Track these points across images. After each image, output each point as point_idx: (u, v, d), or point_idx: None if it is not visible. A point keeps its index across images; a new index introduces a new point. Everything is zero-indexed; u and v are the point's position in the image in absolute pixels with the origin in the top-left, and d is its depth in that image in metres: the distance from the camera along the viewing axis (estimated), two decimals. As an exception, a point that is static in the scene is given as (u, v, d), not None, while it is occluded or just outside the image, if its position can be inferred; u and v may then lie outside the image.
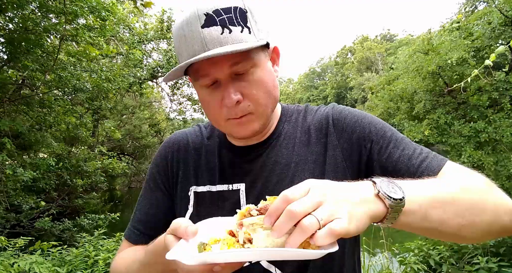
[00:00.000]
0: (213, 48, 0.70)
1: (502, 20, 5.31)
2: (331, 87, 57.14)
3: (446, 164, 0.74)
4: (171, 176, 0.93)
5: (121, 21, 8.89)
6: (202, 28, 0.71)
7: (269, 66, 0.81)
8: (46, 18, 5.88)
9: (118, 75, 7.78)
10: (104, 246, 3.94)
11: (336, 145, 0.84)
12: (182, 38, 0.74)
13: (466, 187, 0.65)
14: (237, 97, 0.74)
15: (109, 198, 15.76)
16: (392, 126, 0.86)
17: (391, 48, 45.08)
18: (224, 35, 0.71)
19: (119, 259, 0.88)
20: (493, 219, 0.64)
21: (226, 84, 0.75)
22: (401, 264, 4.20)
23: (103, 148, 10.55)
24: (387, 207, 0.54)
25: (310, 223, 0.48)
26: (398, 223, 0.57)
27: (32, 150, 8.03)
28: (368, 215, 0.52)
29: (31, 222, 7.10)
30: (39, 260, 3.50)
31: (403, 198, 0.55)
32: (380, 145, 0.79)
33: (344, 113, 0.87)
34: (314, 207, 0.49)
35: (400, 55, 9.78)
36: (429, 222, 0.59)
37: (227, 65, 0.72)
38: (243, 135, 0.81)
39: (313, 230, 0.48)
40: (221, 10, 0.72)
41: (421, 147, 0.79)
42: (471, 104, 5.90)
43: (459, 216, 0.61)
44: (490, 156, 5.10)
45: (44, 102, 7.01)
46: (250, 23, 0.75)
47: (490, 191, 0.67)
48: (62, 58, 6.78)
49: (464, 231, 0.62)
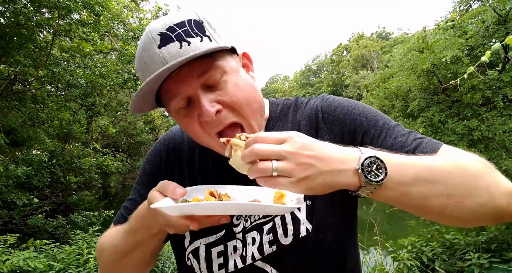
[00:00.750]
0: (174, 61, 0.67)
1: (496, 18, 5.34)
2: (327, 85, 57.24)
3: (441, 147, 0.71)
4: (164, 174, 0.92)
5: (115, 16, 8.79)
6: (159, 49, 0.68)
7: (243, 71, 0.78)
8: (39, 13, 5.79)
9: (112, 71, 7.69)
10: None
11: (327, 140, 0.80)
12: (143, 66, 0.71)
13: (460, 165, 0.61)
14: (214, 108, 0.69)
15: (103, 195, 15.68)
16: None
17: (386, 46, 45.25)
18: (184, 48, 0.67)
19: (105, 234, 0.89)
20: (486, 200, 0.60)
21: (199, 98, 0.70)
22: (395, 260, 4.24)
23: (98, 144, 10.47)
24: (361, 185, 0.55)
25: (265, 167, 0.53)
26: (375, 196, 0.57)
27: (24, 146, 7.93)
28: (328, 186, 0.55)
29: (24, 219, 7.03)
30: (32, 255, 3.48)
31: (382, 180, 0.55)
32: (372, 134, 0.77)
33: (333, 105, 0.84)
34: (277, 156, 0.53)
35: (395, 53, 9.83)
36: (410, 199, 0.58)
37: (193, 77, 0.69)
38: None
39: (266, 173, 0.52)
40: (174, 26, 0.69)
41: (415, 133, 0.76)
42: (464, 102, 5.95)
43: (445, 195, 0.58)
44: (483, 154, 5.15)
45: (37, 98, 6.93)
46: (208, 32, 0.71)
47: (487, 172, 0.64)
48: (55, 53, 6.69)
49: (450, 210, 0.59)
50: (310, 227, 0.77)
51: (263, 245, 0.78)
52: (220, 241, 0.81)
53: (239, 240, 0.80)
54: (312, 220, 0.77)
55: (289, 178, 0.53)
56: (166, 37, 0.68)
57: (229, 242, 0.80)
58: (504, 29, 5.28)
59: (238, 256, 0.79)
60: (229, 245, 0.80)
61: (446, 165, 0.60)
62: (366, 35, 57.71)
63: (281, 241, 0.77)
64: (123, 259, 0.81)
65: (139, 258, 0.81)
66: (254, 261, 0.78)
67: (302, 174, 0.53)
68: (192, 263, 0.82)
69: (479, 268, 3.78)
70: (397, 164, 0.58)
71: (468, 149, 5.27)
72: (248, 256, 0.78)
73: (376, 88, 8.69)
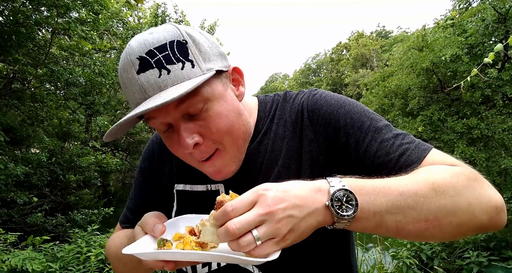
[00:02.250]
0: (153, 94, 0.64)
1: (496, 17, 5.33)
2: (326, 83, 57.18)
3: (427, 156, 0.68)
4: (157, 171, 0.93)
5: (114, 15, 8.76)
6: (138, 75, 0.65)
7: (228, 94, 0.73)
8: (37, 11, 5.77)
9: (111, 70, 7.68)
10: (97, 242, 3.91)
11: (312, 140, 0.78)
12: (123, 85, 0.69)
13: (437, 186, 0.58)
14: (193, 141, 0.67)
15: (103, 193, 15.68)
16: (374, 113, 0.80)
17: (386, 45, 45.18)
18: (162, 77, 0.64)
19: (111, 241, 0.91)
20: (466, 219, 0.59)
21: (179, 129, 0.68)
22: (394, 259, 4.25)
23: (97, 143, 10.46)
24: (334, 220, 0.55)
25: (248, 241, 0.50)
26: (351, 228, 0.57)
27: (23, 145, 7.92)
28: (311, 228, 0.55)
29: (23, 217, 7.03)
30: (31, 255, 3.47)
31: (354, 213, 0.54)
32: (357, 138, 0.72)
33: (319, 103, 0.80)
34: (255, 224, 0.51)
35: (394, 52, 9.81)
36: (384, 228, 0.58)
37: (171, 107, 0.65)
38: (223, 178, 0.76)
39: (249, 248, 0.50)
40: (154, 49, 0.65)
41: (403, 135, 0.72)
42: (464, 101, 5.95)
43: (422, 220, 0.57)
44: (482, 152, 5.16)
45: (36, 96, 6.91)
46: (192, 55, 0.67)
47: (469, 186, 0.61)
48: (54, 52, 6.67)
49: (428, 233, 0.59)
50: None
51: None
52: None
53: None
54: None
55: (273, 239, 0.52)
56: (145, 63, 0.64)
57: None
58: (504, 27, 5.28)
59: None
60: None
61: (421, 188, 0.58)
62: (365, 34, 57.62)
63: None
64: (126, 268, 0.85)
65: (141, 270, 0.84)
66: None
67: (285, 230, 0.51)
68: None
69: (478, 266, 3.79)
70: (367, 193, 0.57)
71: (467, 147, 5.28)
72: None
73: (376, 87, 8.68)
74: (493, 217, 0.61)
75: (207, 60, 0.69)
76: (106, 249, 0.92)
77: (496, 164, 4.89)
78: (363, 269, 4.01)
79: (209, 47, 0.71)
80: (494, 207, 0.61)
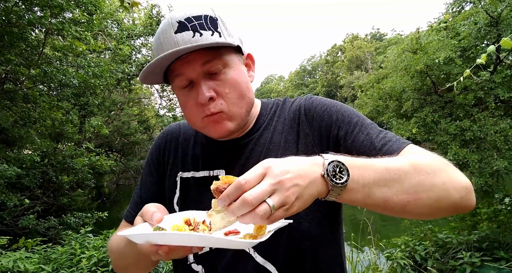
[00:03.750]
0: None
1: (488, 20, 5.40)
2: (322, 85, 57.45)
3: (406, 147, 0.77)
4: (162, 164, 1.02)
5: (108, 15, 8.71)
6: (175, 34, 0.78)
7: (243, 69, 0.86)
8: (31, 11, 5.70)
9: (106, 71, 7.62)
10: (91, 244, 3.87)
11: (308, 133, 0.89)
12: (159, 46, 0.80)
13: (416, 164, 0.67)
14: (210, 94, 0.79)
15: (97, 195, 15.53)
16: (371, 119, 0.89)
17: (380, 47, 45.54)
18: (196, 38, 0.77)
19: (114, 236, 0.95)
20: (441, 195, 0.66)
21: (199, 83, 0.80)
22: (388, 260, 4.27)
23: (91, 144, 10.36)
24: (329, 189, 0.60)
25: (265, 210, 0.53)
26: (341, 199, 0.62)
27: (16, 146, 7.82)
28: (313, 197, 0.60)
29: (15, 219, 6.92)
30: (23, 256, 3.42)
31: (346, 181, 0.60)
32: (346, 130, 0.83)
33: (315, 103, 0.92)
34: (269, 194, 0.54)
35: (389, 54, 9.89)
36: (372, 199, 0.63)
37: (198, 64, 0.78)
38: (218, 135, 0.85)
39: (266, 216, 0.54)
40: (192, 17, 0.79)
41: (386, 132, 0.83)
42: (457, 103, 6.01)
43: (404, 193, 0.64)
44: (474, 154, 5.21)
45: (29, 97, 6.83)
46: (220, 29, 0.81)
47: (442, 169, 0.69)
48: (47, 52, 6.60)
49: (410, 207, 0.65)
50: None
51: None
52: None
53: None
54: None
55: (283, 207, 0.55)
56: (183, 26, 0.78)
57: None
58: (496, 30, 5.35)
59: None
60: None
61: (403, 165, 0.66)
62: (360, 36, 58.05)
63: None
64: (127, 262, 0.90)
65: (141, 265, 0.90)
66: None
67: (293, 198, 0.56)
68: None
69: (471, 266, 3.83)
70: (357, 166, 0.63)
71: (460, 149, 5.33)
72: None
73: (370, 89, 8.73)
74: (464, 196, 0.69)
75: (230, 36, 0.84)
76: (109, 246, 0.96)
77: (488, 166, 4.95)
78: (357, 270, 4.02)
79: (232, 30, 0.86)
80: (465, 187, 0.69)
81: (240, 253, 0.83)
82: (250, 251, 0.83)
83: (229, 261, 0.84)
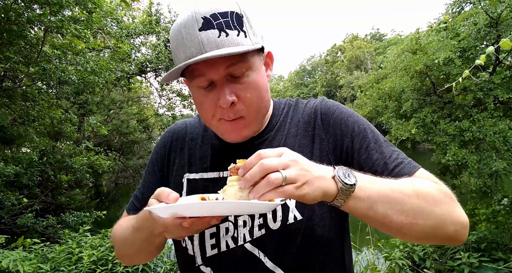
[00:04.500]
0: (211, 50, 0.72)
1: (488, 21, 5.40)
2: (321, 85, 57.43)
3: (417, 171, 0.79)
4: (167, 163, 1.00)
5: (108, 14, 8.68)
6: (199, 31, 0.73)
7: (263, 70, 0.84)
8: (30, 9, 5.68)
9: (105, 69, 7.60)
10: (88, 243, 3.86)
11: (323, 138, 0.87)
12: (179, 40, 0.76)
13: (419, 191, 0.70)
14: (232, 98, 0.76)
15: (95, 194, 15.51)
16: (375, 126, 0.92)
17: (380, 47, 45.55)
18: (221, 38, 0.73)
19: (117, 225, 0.96)
20: (438, 224, 0.69)
21: (222, 86, 0.77)
22: (386, 260, 4.27)
23: (90, 143, 10.34)
24: (338, 189, 0.62)
25: (276, 177, 0.56)
26: (346, 206, 0.64)
27: (14, 144, 7.79)
28: (321, 190, 0.61)
29: (13, 218, 6.91)
30: (21, 256, 3.41)
31: (354, 184, 0.63)
32: (361, 144, 0.83)
33: (332, 108, 0.90)
34: (283, 166, 0.58)
35: (389, 55, 9.89)
36: (374, 212, 0.66)
37: (223, 66, 0.75)
38: (234, 140, 0.84)
39: (277, 184, 0.56)
40: (218, 14, 0.74)
41: (398, 152, 0.84)
42: (456, 103, 6.01)
43: (403, 214, 0.67)
44: (473, 154, 5.21)
45: (28, 95, 6.80)
46: (245, 28, 0.77)
47: (444, 201, 0.72)
48: (46, 50, 6.57)
49: (406, 229, 0.68)
50: (299, 215, 0.82)
51: (253, 228, 0.83)
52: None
53: (230, 223, 0.86)
54: (302, 209, 0.82)
55: (293, 184, 0.58)
56: (208, 23, 0.74)
57: (221, 224, 0.86)
58: (496, 31, 5.35)
59: (230, 237, 0.85)
60: (221, 227, 0.86)
61: (407, 189, 0.69)
62: (360, 36, 58.06)
63: (270, 225, 0.83)
64: (132, 249, 0.90)
65: (146, 250, 0.90)
66: (245, 242, 0.83)
67: (304, 179, 0.59)
68: (186, 244, 0.89)
69: (469, 267, 3.83)
70: (365, 178, 0.67)
71: (459, 149, 5.33)
72: (240, 237, 0.84)
73: (370, 89, 8.73)
74: (458, 231, 0.72)
75: (255, 35, 0.81)
76: (112, 234, 0.96)
77: (487, 166, 4.95)
78: (356, 270, 4.02)
79: (256, 27, 0.83)
80: (461, 223, 0.72)
81: (250, 257, 0.83)
82: (260, 256, 0.82)
83: (239, 264, 0.83)
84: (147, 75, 14.75)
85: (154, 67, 13.23)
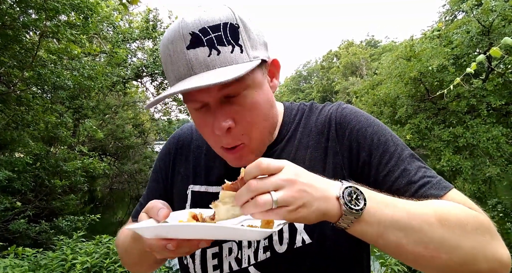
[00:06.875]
0: (200, 72, 0.64)
1: (480, 29, 5.51)
2: (317, 90, 57.75)
3: (447, 193, 0.67)
4: (171, 172, 0.94)
5: (104, 18, 8.70)
6: (187, 49, 0.64)
7: (265, 84, 0.74)
8: (26, 14, 5.68)
9: (101, 74, 7.58)
10: (83, 249, 3.81)
11: (337, 152, 0.77)
12: (168, 57, 0.68)
13: (445, 218, 0.58)
14: (227, 124, 0.67)
15: (89, 199, 15.34)
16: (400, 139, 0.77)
17: (375, 54, 46.05)
18: (212, 57, 0.64)
19: (120, 232, 0.91)
20: (465, 261, 0.57)
21: (215, 109, 0.68)
22: (382, 266, 4.26)
23: (84, 148, 10.26)
24: (342, 212, 0.54)
25: (265, 201, 0.50)
26: (352, 230, 0.57)
27: (7, 149, 7.70)
28: (321, 212, 0.54)
29: (5, 224, 6.80)
30: (13, 263, 3.35)
31: (361, 210, 0.54)
32: (380, 160, 0.72)
33: (348, 117, 0.79)
34: (275, 187, 0.51)
35: (383, 61, 10.01)
36: (384, 241, 0.57)
37: (215, 89, 0.66)
38: (237, 166, 0.75)
39: (265, 207, 0.50)
40: (208, 28, 0.64)
41: (426, 169, 0.72)
42: (450, 110, 6.09)
43: (421, 245, 0.56)
44: (467, 160, 5.27)
45: (22, 99, 6.75)
46: (242, 40, 0.67)
47: (478, 232, 0.59)
48: (41, 55, 6.55)
49: (423, 261, 0.58)
50: (307, 238, 0.74)
51: (258, 250, 0.77)
52: (215, 242, 0.80)
53: (234, 242, 0.79)
54: (311, 231, 0.75)
55: (286, 207, 0.51)
56: (197, 39, 0.64)
57: (224, 244, 0.80)
58: (488, 39, 5.45)
59: (233, 258, 0.79)
60: (224, 246, 0.80)
61: (428, 214, 0.58)
62: (355, 43, 58.66)
63: (276, 248, 0.76)
64: (132, 258, 0.85)
65: (146, 262, 0.85)
66: (249, 265, 0.77)
67: (300, 202, 0.52)
68: (187, 262, 0.83)
69: None
70: (377, 200, 0.57)
71: (453, 155, 5.38)
72: (244, 259, 0.78)
73: (365, 95, 8.81)
74: (494, 269, 0.59)
75: (254, 47, 0.69)
76: (116, 240, 0.93)
77: (481, 172, 5.00)
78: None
79: (256, 35, 0.71)
80: (499, 260, 0.59)
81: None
82: None
83: None
84: (143, 80, 14.75)
85: (150, 71, 13.24)
